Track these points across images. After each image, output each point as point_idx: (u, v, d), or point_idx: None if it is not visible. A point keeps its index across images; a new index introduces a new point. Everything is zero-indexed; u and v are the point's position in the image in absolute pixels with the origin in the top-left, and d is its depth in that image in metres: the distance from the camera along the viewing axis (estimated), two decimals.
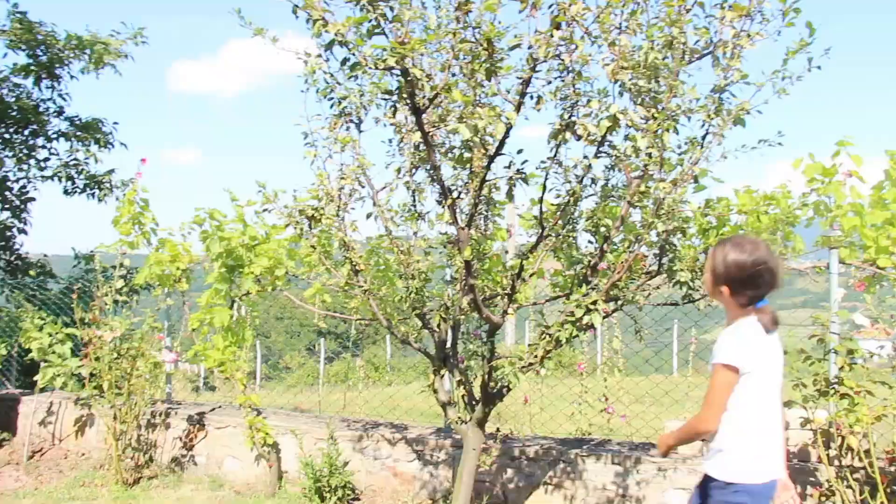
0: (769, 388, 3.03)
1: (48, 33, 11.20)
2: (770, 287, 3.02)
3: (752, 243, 3.04)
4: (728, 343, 2.99)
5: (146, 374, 6.84)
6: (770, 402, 3.04)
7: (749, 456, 3.00)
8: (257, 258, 6.33)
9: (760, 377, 2.99)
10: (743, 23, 3.89)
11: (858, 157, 5.14)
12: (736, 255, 3.02)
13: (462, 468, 4.78)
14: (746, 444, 3.00)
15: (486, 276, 5.24)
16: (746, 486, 2.98)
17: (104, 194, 12.09)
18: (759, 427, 3.02)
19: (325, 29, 3.59)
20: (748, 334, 3.00)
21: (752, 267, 2.99)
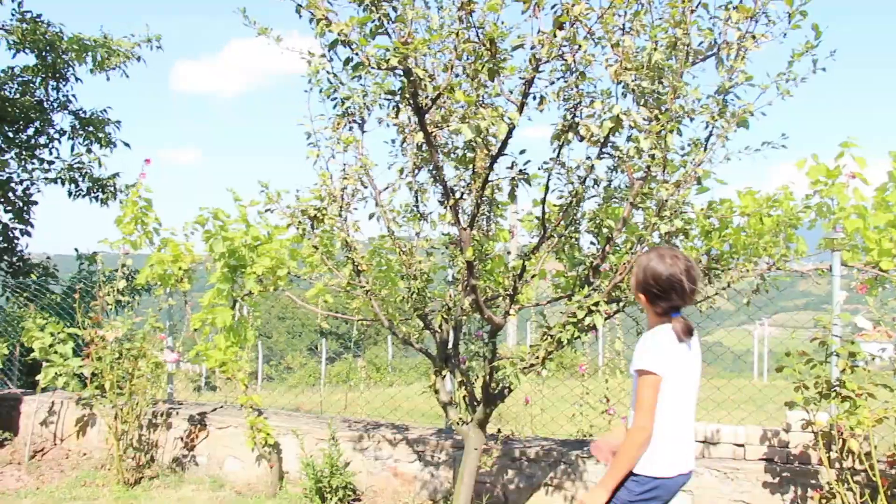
0: (683, 390, 3.18)
1: (55, 34, 11.22)
2: (682, 301, 3.17)
3: (672, 257, 3.18)
4: (645, 350, 3.16)
5: (148, 374, 6.83)
6: (684, 404, 3.20)
7: (661, 451, 3.15)
8: (259, 258, 6.33)
9: (675, 381, 3.13)
10: (748, 24, 3.89)
11: (862, 158, 5.14)
12: (654, 267, 3.18)
13: (463, 469, 4.77)
14: (660, 442, 3.14)
15: (488, 277, 5.24)
16: (656, 480, 3.15)
17: (108, 198, 12.11)
18: (673, 426, 3.16)
19: (329, 29, 3.59)
20: (663, 341, 3.15)
21: (666, 280, 3.15)
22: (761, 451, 5.25)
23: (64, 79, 11.78)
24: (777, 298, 5.62)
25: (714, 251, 5.09)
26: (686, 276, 3.13)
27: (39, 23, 11.13)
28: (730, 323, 15.36)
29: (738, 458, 5.32)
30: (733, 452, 5.35)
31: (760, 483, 5.07)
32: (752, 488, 5.08)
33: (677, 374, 3.14)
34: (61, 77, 11.72)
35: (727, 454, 5.36)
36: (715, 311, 5.22)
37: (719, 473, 5.17)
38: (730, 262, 5.02)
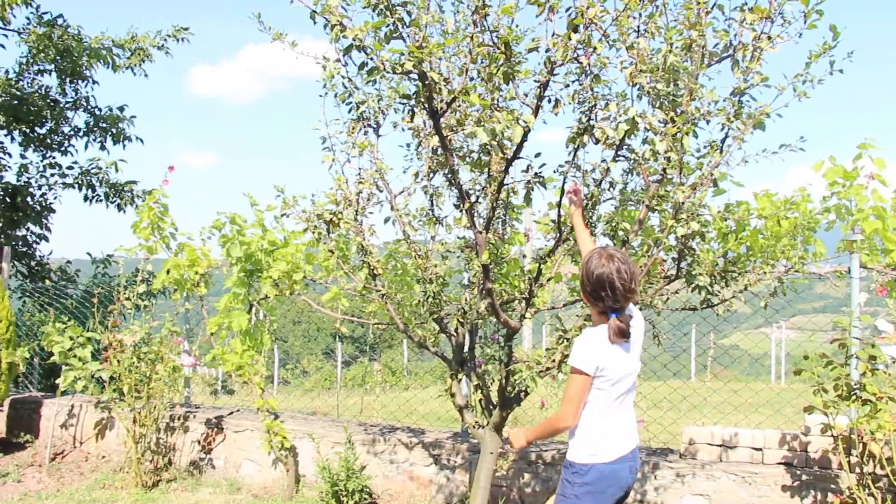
0: (619, 386, 3.29)
1: (72, 37, 11.29)
2: (615, 301, 3.22)
3: (608, 257, 3.25)
4: (578, 349, 3.26)
5: (165, 378, 6.87)
6: (620, 398, 3.32)
7: (599, 441, 3.29)
8: (276, 262, 6.35)
9: (609, 378, 3.25)
10: (763, 25, 3.87)
11: (881, 160, 5.10)
12: (589, 267, 3.28)
13: (479, 472, 4.76)
14: (597, 432, 3.29)
15: (504, 281, 5.23)
16: (596, 467, 3.28)
17: (125, 203, 12.19)
18: (608, 418, 3.30)
19: (343, 34, 3.60)
20: (596, 341, 3.25)
21: (596, 280, 3.24)
22: (780, 456, 5.21)
23: (82, 79, 11.88)
24: (795, 301, 5.58)
25: (731, 254, 5.06)
26: (617, 277, 3.19)
27: (57, 27, 11.20)
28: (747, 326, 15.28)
29: (757, 462, 5.28)
30: (751, 456, 5.31)
31: (779, 487, 5.03)
32: (770, 493, 5.04)
33: (611, 372, 3.25)
34: (80, 78, 11.82)
35: (745, 458, 5.33)
36: (732, 314, 5.18)
37: (737, 478, 5.13)
38: (747, 264, 5.00)
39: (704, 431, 5.51)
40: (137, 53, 11.83)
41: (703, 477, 5.23)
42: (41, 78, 11.72)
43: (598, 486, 3.28)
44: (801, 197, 5.13)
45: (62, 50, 11.24)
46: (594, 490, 3.27)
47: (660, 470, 5.37)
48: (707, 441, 5.47)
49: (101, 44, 11.63)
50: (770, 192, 5.18)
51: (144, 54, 11.92)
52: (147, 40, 11.93)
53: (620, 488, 3.33)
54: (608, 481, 3.28)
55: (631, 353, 3.32)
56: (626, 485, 3.36)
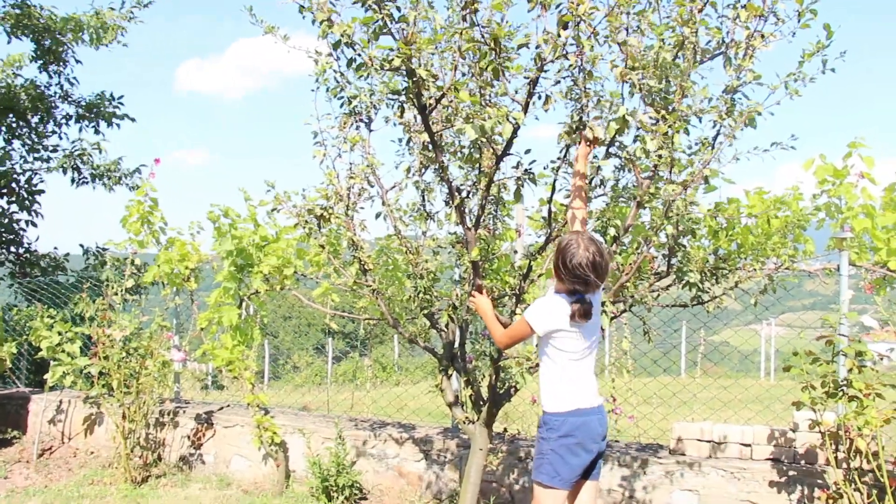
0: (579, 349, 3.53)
1: (48, 16, 11.19)
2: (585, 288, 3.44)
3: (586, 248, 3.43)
4: (538, 309, 3.52)
5: (155, 373, 6.85)
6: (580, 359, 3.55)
7: (563, 393, 3.52)
8: (266, 257, 6.34)
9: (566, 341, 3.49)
10: (756, 23, 3.86)
11: (870, 158, 5.13)
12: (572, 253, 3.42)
13: (469, 468, 4.77)
14: (560, 385, 3.54)
15: (495, 277, 5.23)
16: (564, 415, 3.50)
17: (113, 182, 12.10)
18: (569, 374, 3.53)
19: (331, 30, 3.59)
20: (558, 310, 3.46)
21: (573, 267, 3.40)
22: (768, 451, 5.24)
23: (64, 62, 11.78)
24: (784, 298, 5.61)
25: (721, 251, 5.08)
26: (591, 270, 3.38)
27: (31, 6, 11.10)
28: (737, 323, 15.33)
29: (745, 457, 5.31)
30: (740, 452, 5.34)
31: (767, 483, 5.05)
32: (758, 488, 5.07)
33: (567, 338, 3.49)
34: (62, 61, 11.72)
35: (734, 454, 5.35)
36: (722, 311, 5.20)
37: (726, 473, 5.16)
38: (737, 261, 5.01)
39: (694, 427, 5.53)
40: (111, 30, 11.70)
41: (693, 473, 5.25)
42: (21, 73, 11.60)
43: (573, 439, 3.47)
44: (793, 195, 5.15)
45: (42, 28, 11.14)
46: (570, 443, 3.47)
47: (649, 466, 5.39)
48: (696, 437, 5.49)
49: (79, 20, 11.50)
50: (762, 190, 5.20)
51: (118, 28, 11.79)
52: (112, 15, 11.78)
53: (593, 439, 3.52)
54: (581, 431, 3.48)
55: (591, 321, 3.51)
56: (598, 434, 3.55)
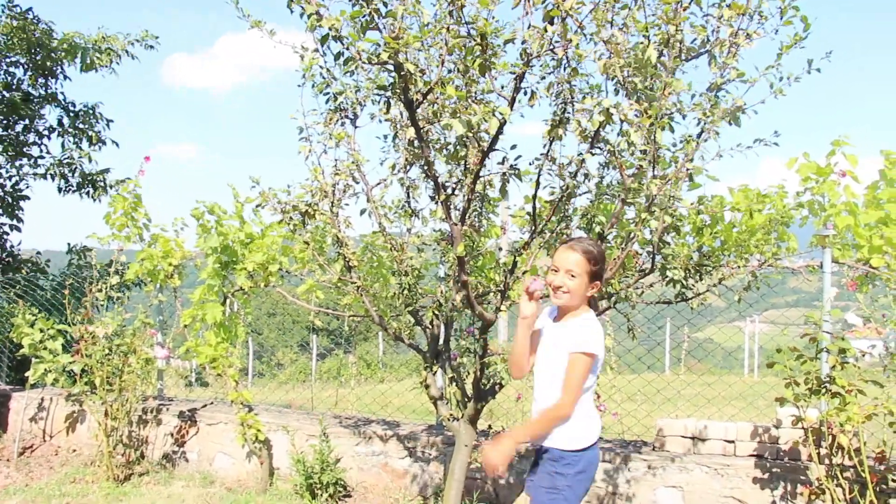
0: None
1: (44, 31, 11.12)
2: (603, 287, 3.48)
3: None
4: (592, 333, 3.28)
5: (138, 371, 6.80)
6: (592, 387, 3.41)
7: (587, 427, 3.36)
8: (251, 254, 6.31)
9: (600, 363, 3.38)
10: (741, 21, 3.88)
11: (854, 156, 5.16)
12: (602, 249, 3.40)
13: (453, 465, 4.77)
14: (586, 419, 3.35)
15: (479, 273, 5.23)
16: (583, 452, 3.33)
17: (99, 193, 12.05)
18: (591, 403, 3.41)
19: (320, 24, 3.57)
20: (599, 327, 3.37)
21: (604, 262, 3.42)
22: (751, 448, 5.27)
23: (53, 76, 11.71)
24: (768, 295, 5.64)
25: (705, 248, 5.10)
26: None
27: (29, 20, 11.03)
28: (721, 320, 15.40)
29: (729, 454, 5.33)
30: (723, 449, 5.36)
31: (750, 479, 5.08)
32: (742, 484, 5.10)
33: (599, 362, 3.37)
34: (50, 74, 11.64)
35: (717, 450, 5.37)
36: (706, 308, 5.23)
37: (710, 469, 5.18)
38: (721, 258, 5.04)
39: (678, 424, 5.56)
40: (108, 53, 11.65)
41: (676, 469, 5.27)
42: (14, 70, 11.50)
43: (587, 473, 3.35)
44: (777, 192, 5.18)
45: (35, 43, 11.05)
46: (585, 476, 3.34)
47: (633, 462, 5.41)
48: (680, 433, 5.51)
49: (73, 41, 11.44)
50: (747, 187, 5.23)
51: (114, 55, 11.75)
52: (117, 42, 11.73)
53: (596, 467, 3.45)
54: (594, 465, 3.39)
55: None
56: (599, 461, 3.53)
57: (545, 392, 3.35)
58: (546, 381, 3.37)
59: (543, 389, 3.37)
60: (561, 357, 3.28)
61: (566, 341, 3.29)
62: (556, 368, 3.31)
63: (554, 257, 3.39)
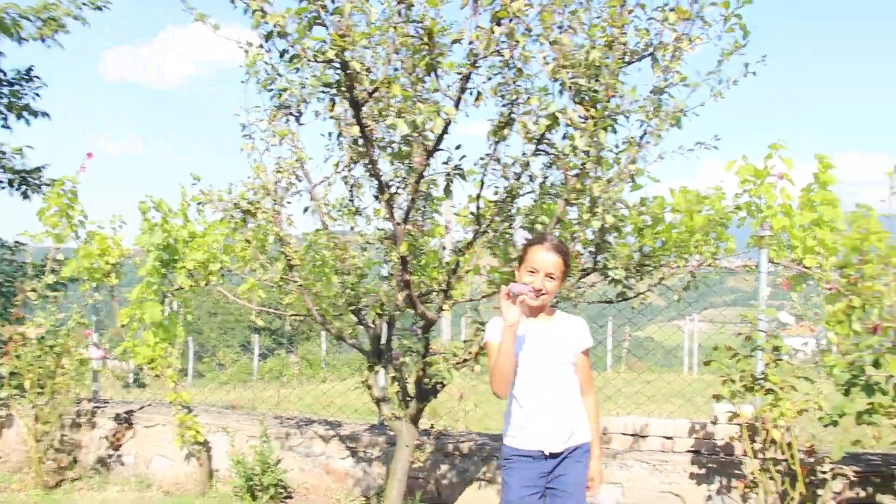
0: None
1: None
2: None
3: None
4: (587, 327, 3.40)
5: (72, 372, 6.60)
6: None
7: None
8: (192, 252, 6.20)
9: None
10: (684, 26, 3.95)
11: (790, 160, 5.31)
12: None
13: (395, 465, 4.75)
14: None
15: (423, 273, 5.22)
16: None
17: (32, 190, 11.63)
18: None
19: (264, 20, 3.52)
20: None
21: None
22: (689, 444, 5.37)
23: None
24: (707, 294, 5.76)
25: (646, 248, 5.18)
26: None
27: None
28: (661, 319, 15.67)
29: (667, 450, 5.43)
30: (662, 445, 5.45)
31: (688, 474, 5.18)
32: (679, 479, 5.19)
33: None
34: None
35: (656, 447, 5.47)
36: (647, 307, 5.31)
37: (649, 466, 5.27)
38: (661, 258, 5.12)
39: (618, 421, 5.63)
40: (49, 23, 11.10)
41: (616, 466, 5.34)
42: None
43: None
44: (716, 194, 5.29)
45: None
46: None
47: None
48: (621, 431, 5.59)
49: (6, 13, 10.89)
50: (687, 189, 5.32)
51: (58, 24, 11.19)
52: (60, 9, 11.15)
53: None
54: None
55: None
56: None
57: (553, 393, 3.27)
58: (551, 382, 3.28)
59: (550, 391, 3.27)
60: (566, 356, 3.29)
61: (568, 339, 3.32)
62: (563, 367, 3.30)
63: (530, 258, 3.27)
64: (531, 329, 3.29)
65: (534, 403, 3.27)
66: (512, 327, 3.14)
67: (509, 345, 3.16)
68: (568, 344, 3.31)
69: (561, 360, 3.30)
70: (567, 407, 3.30)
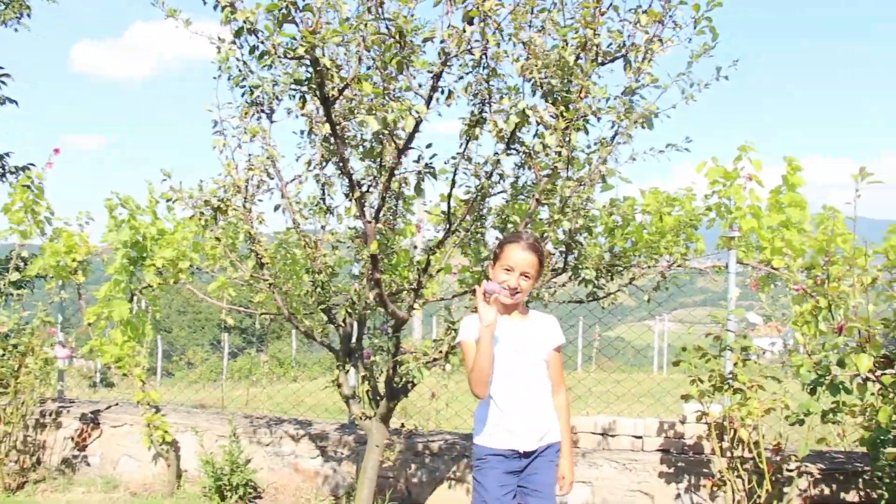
0: None
1: None
2: None
3: None
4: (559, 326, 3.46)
5: (36, 372, 6.49)
6: None
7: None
8: (160, 250, 6.12)
9: None
10: (656, 28, 3.98)
11: (758, 162, 5.37)
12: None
13: (365, 464, 4.74)
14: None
15: (394, 271, 5.21)
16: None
17: None
18: None
19: (234, 16, 3.48)
20: None
21: None
22: (658, 443, 5.41)
23: None
24: (676, 295, 5.81)
25: (617, 248, 5.21)
26: None
27: None
28: (631, 319, 15.78)
29: (637, 449, 5.46)
30: (632, 444, 5.49)
31: (657, 473, 5.22)
32: (649, 478, 5.23)
33: None
34: None
35: (626, 446, 5.50)
36: (617, 307, 5.34)
37: (618, 465, 5.30)
38: (632, 259, 5.16)
39: (588, 421, 5.66)
40: (14, 6, 10.82)
41: (586, 465, 5.36)
42: None
43: None
44: (686, 195, 5.34)
45: None
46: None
47: None
48: (590, 430, 5.62)
49: None
50: (657, 190, 5.37)
51: (22, 7, 10.89)
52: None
53: None
54: None
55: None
56: None
57: (527, 392, 3.27)
58: (524, 381, 3.27)
59: (524, 390, 3.26)
60: (539, 354, 3.30)
61: (542, 338, 3.32)
62: (536, 366, 3.30)
63: (506, 256, 3.25)
64: (505, 327, 3.27)
65: (507, 402, 3.26)
66: (489, 327, 3.12)
67: (487, 345, 3.13)
68: (542, 343, 3.32)
69: (535, 360, 3.30)
70: (540, 406, 3.30)
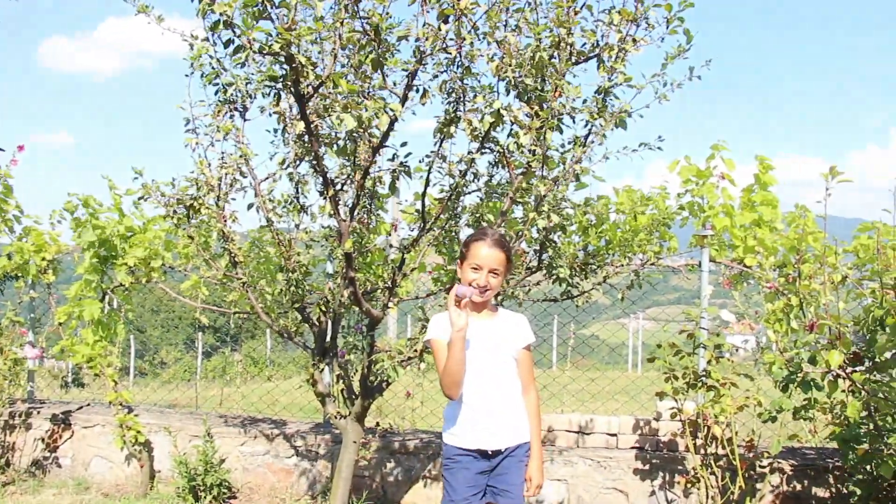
0: None
1: None
2: None
3: None
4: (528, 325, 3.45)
5: (5, 372, 6.40)
6: None
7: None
8: (132, 249, 6.06)
9: None
10: (629, 28, 4.00)
11: (731, 161, 5.41)
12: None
13: (341, 463, 4.72)
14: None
15: (368, 270, 5.20)
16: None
17: None
18: None
19: (211, 9, 3.45)
20: None
21: None
22: (633, 440, 5.44)
23: None
24: (650, 293, 5.84)
25: (591, 247, 5.24)
26: None
27: None
28: (605, 317, 15.84)
29: (612, 447, 5.49)
30: (606, 442, 5.52)
31: (631, 470, 5.25)
32: (623, 475, 5.26)
33: None
34: None
35: (601, 443, 5.53)
36: (591, 305, 5.36)
37: (593, 462, 5.32)
38: (606, 257, 5.18)
39: (563, 418, 5.68)
40: None
41: (561, 462, 5.38)
42: None
43: None
44: (659, 194, 5.37)
45: None
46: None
47: None
48: (565, 428, 5.64)
49: None
50: (630, 189, 5.39)
51: None
52: None
53: None
54: None
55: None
56: None
57: (497, 391, 3.27)
58: (494, 379, 3.27)
59: (494, 389, 3.26)
60: (508, 353, 3.30)
61: (512, 337, 3.32)
62: (506, 365, 3.30)
63: (473, 255, 3.24)
64: (474, 326, 3.25)
65: (477, 401, 3.26)
66: (461, 332, 3.11)
67: (459, 350, 3.12)
68: (511, 341, 3.32)
69: (504, 358, 3.30)
70: (510, 405, 3.30)
